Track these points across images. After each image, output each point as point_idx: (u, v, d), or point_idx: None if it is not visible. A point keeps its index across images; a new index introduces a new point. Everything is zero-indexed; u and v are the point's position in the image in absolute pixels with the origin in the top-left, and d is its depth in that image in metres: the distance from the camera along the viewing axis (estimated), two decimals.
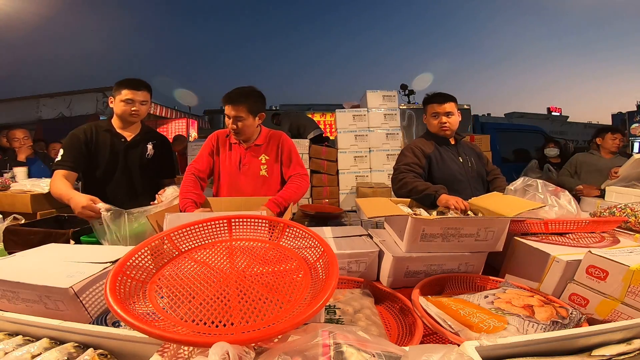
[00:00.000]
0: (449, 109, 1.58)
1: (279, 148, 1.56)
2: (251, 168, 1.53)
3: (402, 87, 6.98)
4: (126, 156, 1.56)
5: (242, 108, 1.42)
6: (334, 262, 0.54)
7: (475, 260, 0.93)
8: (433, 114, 1.61)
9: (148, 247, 0.61)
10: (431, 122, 1.63)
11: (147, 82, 1.56)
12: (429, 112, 1.63)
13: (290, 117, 4.04)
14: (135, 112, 1.52)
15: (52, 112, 6.31)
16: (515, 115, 14.65)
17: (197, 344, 0.42)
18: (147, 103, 1.57)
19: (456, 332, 0.59)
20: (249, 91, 1.45)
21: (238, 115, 1.42)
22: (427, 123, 1.67)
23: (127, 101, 1.49)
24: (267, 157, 1.55)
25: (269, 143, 1.56)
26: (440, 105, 1.59)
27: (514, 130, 4.80)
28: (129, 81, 1.51)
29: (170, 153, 1.76)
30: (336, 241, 1.01)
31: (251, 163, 1.54)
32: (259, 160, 1.54)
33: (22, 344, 0.52)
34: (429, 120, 1.64)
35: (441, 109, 1.58)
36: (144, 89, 1.53)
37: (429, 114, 1.63)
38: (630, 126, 7.13)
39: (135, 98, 1.50)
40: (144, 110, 1.56)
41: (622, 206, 1.14)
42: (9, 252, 1.09)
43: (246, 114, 1.43)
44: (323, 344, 0.40)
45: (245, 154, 1.54)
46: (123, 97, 1.49)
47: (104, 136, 1.53)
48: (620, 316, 0.67)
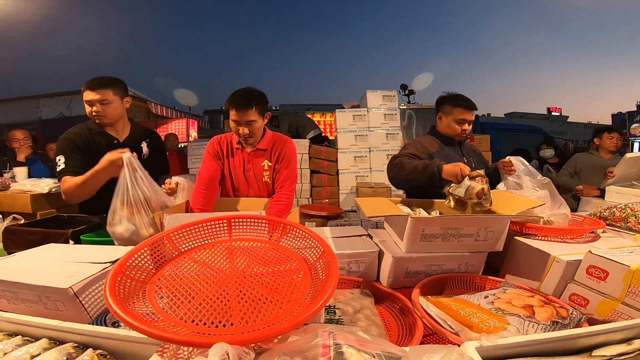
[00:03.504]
0: (472, 117, 1.56)
1: (281, 154, 1.51)
2: (255, 174, 1.50)
3: (402, 87, 6.99)
4: None
5: (253, 111, 1.37)
6: (334, 262, 0.54)
7: (475, 260, 0.93)
8: (459, 120, 1.55)
9: (148, 247, 0.61)
10: (452, 125, 1.57)
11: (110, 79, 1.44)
12: (455, 115, 1.55)
13: (288, 117, 4.03)
14: (96, 113, 1.42)
15: (52, 112, 6.31)
16: (516, 115, 14.67)
17: (197, 345, 0.42)
18: (110, 102, 1.43)
19: (456, 333, 0.59)
20: (255, 92, 1.41)
21: (250, 119, 1.38)
22: (442, 122, 1.61)
23: (87, 103, 1.41)
24: (269, 163, 1.52)
25: (273, 148, 1.52)
26: (469, 112, 1.54)
27: (514, 130, 4.80)
28: (89, 81, 1.40)
29: (163, 148, 1.74)
30: (336, 241, 1.01)
31: (255, 169, 1.50)
32: (262, 166, 1.51)
33: (21, 344, 0.52)
34: (449, 122, 1.57)
35: (468, 117, 1.54)
36: (101, 88, 1.40)
37: (453, 116, 1.56)
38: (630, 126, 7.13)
39: (92, 98, 1.39)
40: (110, 110, 1.44)
41: (622, 206, 1.14)
42: (8, 252, 1.08)
43: (257, 116, 1.39)
44: (323, 344, 0.40)
45: (248, 159, 1.51)
46: (84, 98, 1.41)
47: (96, 139, 1.49)
48: (620, 316, 0.67)
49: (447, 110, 1.58)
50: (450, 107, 1.57)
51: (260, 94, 1.42)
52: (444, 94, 1.62)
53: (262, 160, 1.50)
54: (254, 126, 1.40)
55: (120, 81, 1.50)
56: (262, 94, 1.44)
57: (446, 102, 1.59)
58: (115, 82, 1.47)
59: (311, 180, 3.37)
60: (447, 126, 1.59)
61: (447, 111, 1.59)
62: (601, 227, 1.01)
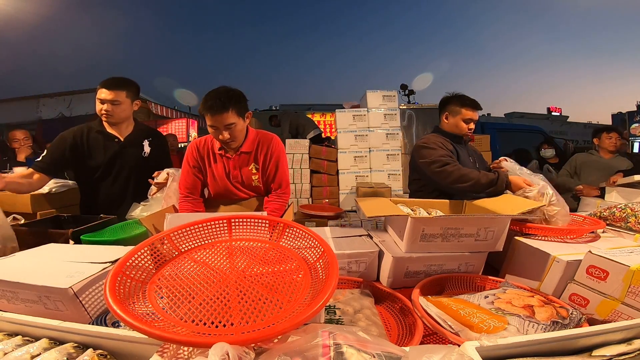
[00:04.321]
0: (477, 117, 1.59)
1: (267, 154, 1.40)
2: (244, 180, 1.40)
3: (402, 87, 6.98)
4: (122, 156, 1.54)
5: (231, 114, 1.23)
6: (334, 262, 0.54)
7: (475, 260, 0.93)
8: (466, 119, 1.58)
9: (148, 247, 0.61)
10: (460, 124, 1.59)
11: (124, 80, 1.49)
12: (463, 115, 1.58)
13: (289, 117, 4.03)
14: (106, 112, 1.46)
15: (52, 112, 6.30)
16: (516, 115, 14.67)
17: (197, 345, 0.42)
18: (121, 103, 1.48)
19: (456, 333, 0.59)
20: (230, 92, 1.25)
21: (228, 122, 1.23)
22: (448, 122, 1.63)
23: (99, 100, 1.45)
24: (257, 165, 1.40)
25: (258, 149, 1.40)
26: (475, 112, 1.58)
27: (514, 130, 4.80)
28: (105, 80, 1.45)
29: (166, 148, 1.75)
30: (336, 241, 1.01)
31: (243, 175, 1.39)
32: (250, 170, 1.39)
33: (21, 344, 0.52)
34: (457, 122, 1.59)
35: (475, 116, 1.58)
36: (116, 88, 1.45)
37: (461, 116, 1.58)
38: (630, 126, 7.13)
39: (105, 98, 1.44)
40: (119, 110, 1.48)
41: (622, 206, 1.14)
42: None
43: (236, 118, 1.25)
44: (323, 344, 0.40)
45: (233, 164, 1.38)
46: (97, 95, 1.45)
47: (95, 138, 1.50)
48: (620, 316, 0.67)
49: (455, 110, 1.61)
50: (457, 107, 1.60)
51: (236, 92, 1.27)
52: (449, 94, 1.65)
53: (249, 164, 1.39)
54: (234, 129, 1.26)
55: (134, 84, 1.54)
56: (239, 92, 1.29)
57: (452, 102, 1.62)
58: (130, 85, 1.51)
59: (311, 180, 3.37)
60: (454, 126, 1.61)
61: (454, 111, 1.61)
62: (601, 227, 1.01)
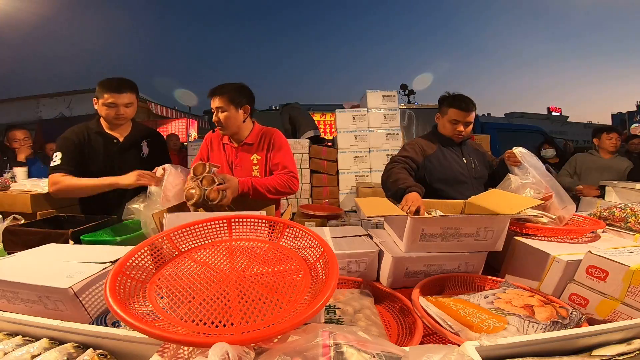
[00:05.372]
0: (469, 119, 1.50)
1: (270, 144, 1.51)
2: (243, 169, 1.50)
3: (402, 87, 6.99)
4: (121, 157, 1.52)
5: (223, 98, 1.41)
6: (333, 262, 0.54)
7: (475, 260, 0.93)
8: (452, 120, 1.51)
9: (148, 247, 0.61)
10: (447, 125, 1.54)
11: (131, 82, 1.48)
12: (449, 115, 1.52)
13: (290, 110, 3.93)
14: (120, 116, 1.46)
15: (52, 112, 6.31)
16: (516, 115, 14.69)
17: (197, 344, 0.42)
18: (133, 105, 1.49)
19: (456, 332, 0.59)
20: (230, 84, 1.45)
21: (219, 106, 1.41)
22: (439, 122, 1.60)
23: (110, 105, 1.42)
24: (258, 156, 1.50)
25: (261, 141, 1.52)
26: (462, 113, 1.49)
27: (514, 130, 4.81)
28: (110, 83, 1.42)
29: (164, 147, 1.74)
30: (336, 241, 1.01)
31: (242, 164, 1.50)
32: (251, 160, 1.50)
33: (21, 344, 0.52)
34: (444, 122, 1.55)
35: (462, 118, 1.50)
36: (126, 91, 1.44)
37: (448, 117, 1.53)
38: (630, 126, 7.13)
39: (117, 102, 1.42)
40: (130, 112, 1.50)
41: (622, 206, 1.14)
42: (8, 252, 1.08)
43: (227, 104, 1.41)
44: (323, 344, 0.40)
45: (235, 153, 1.51)
46: (105, 100, 1.42)
47: (95, 139, 1.49)
48: (620, 316, 0.67)
49: (443, 111, 1.57)
50: (446, 107, 1.55)
51: (235, 84, 1.45)
52: (446, 94, 1.59)
53: (251, 154, 1.50)
54: (224, 114, 1.42)
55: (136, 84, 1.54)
56: (240, 86, 1.45)
57: (444, 103, 1.57)
58: (135, 86, 1.52)
59: (311, 180, 3.37)
60: (442, 127, 1.58)
61: (443, 111, 1.57)
62: (601, 227, 1.01)
